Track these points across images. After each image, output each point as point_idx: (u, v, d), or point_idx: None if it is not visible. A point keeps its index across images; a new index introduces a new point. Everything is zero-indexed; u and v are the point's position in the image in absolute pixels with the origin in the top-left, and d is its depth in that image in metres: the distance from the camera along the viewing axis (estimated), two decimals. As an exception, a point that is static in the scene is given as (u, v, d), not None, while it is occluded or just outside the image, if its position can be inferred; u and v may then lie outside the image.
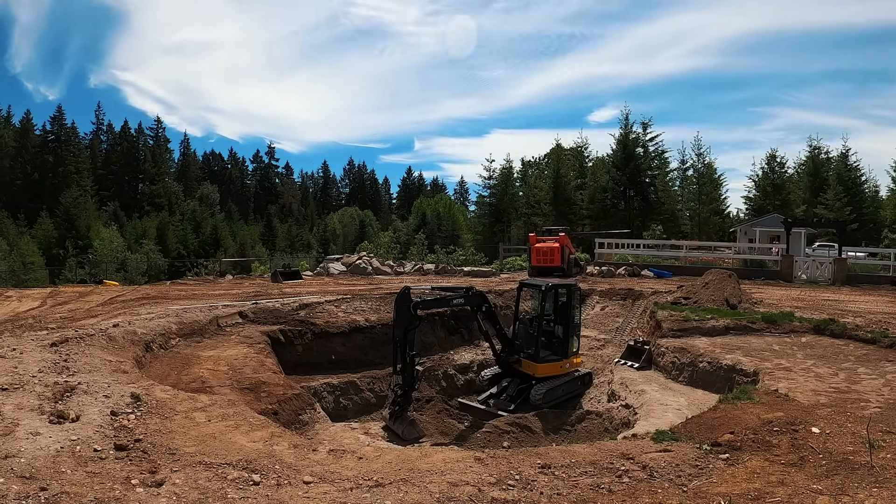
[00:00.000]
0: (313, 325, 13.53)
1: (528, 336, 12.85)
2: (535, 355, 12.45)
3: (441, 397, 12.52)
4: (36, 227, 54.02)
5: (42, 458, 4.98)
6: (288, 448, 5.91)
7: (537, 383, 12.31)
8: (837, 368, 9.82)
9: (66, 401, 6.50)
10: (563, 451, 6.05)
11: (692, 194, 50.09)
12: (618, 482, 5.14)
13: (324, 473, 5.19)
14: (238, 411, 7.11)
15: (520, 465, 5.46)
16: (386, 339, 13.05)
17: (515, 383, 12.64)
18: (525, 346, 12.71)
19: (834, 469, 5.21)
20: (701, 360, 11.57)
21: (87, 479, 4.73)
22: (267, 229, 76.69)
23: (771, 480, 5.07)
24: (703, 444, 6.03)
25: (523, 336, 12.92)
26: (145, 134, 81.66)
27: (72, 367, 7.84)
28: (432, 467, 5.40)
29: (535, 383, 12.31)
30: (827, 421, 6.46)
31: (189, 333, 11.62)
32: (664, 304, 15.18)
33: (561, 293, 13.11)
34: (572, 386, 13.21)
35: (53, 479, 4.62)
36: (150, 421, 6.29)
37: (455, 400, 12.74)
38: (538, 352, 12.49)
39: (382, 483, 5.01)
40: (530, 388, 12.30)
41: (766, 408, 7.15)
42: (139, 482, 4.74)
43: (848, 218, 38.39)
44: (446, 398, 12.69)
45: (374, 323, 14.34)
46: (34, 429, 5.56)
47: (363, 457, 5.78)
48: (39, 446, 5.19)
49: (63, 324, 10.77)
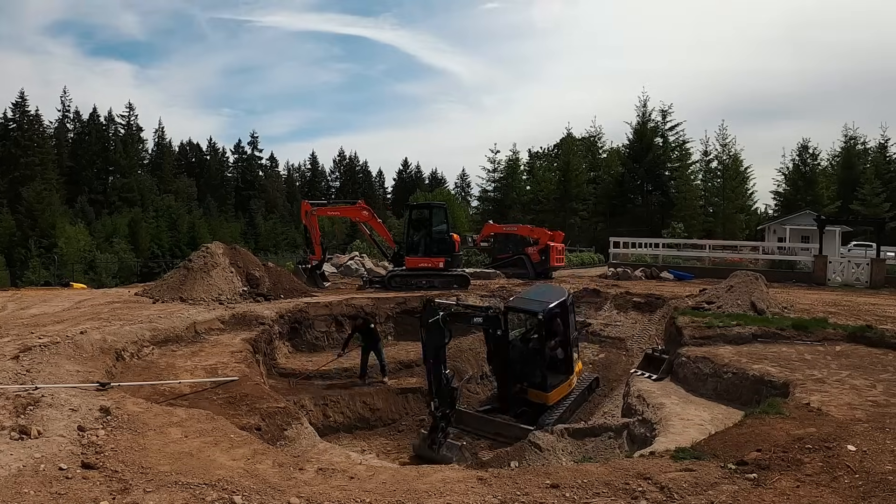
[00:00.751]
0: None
1: (526, 361, 12.87)
2: (544, 385, 12.50)
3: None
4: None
5: (2, 477, 4.98)
6: (272, 467, 5.91)
7: (546, 411, 12.37)
8: (875, 380, 9.81)
9: (28, 415, 6.50)
10: (574, 471, 6.04)
11: (716, 189, 49.99)
12: (634, 504, 5.14)
13: (311, 495, 5.19)
14: (217, 426, 7.11)
15: (526, 486, 5.46)
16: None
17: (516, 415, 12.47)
18: (527, 376, 12.73)
19: (871, 490, 5.21)
20: (725, 370, 11.55)
21: (52, 500, 4.73)
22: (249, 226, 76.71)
23: (802, 502, 5.07)
24: (728, 462, 6.03)
25: (519, 361, 12.89)
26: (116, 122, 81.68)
27: (35, 377, 7.84)
28: (431, 488, 5.40)
29: (545, 412, 12.34)
30: (863, 438, 6.46)
31: (164, 341, 11.63)
32: (685, 310, 15.17)
33: (557, 313, 12.99)
34: (581, 399, 13.46)
35: (15, 501, 4.62)
36: (120, 437, 6.29)
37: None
38: (546, 381, 12.54)
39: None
40: (537, 416, 12.28)
41: (796, 423, 7.15)
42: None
43: (886, 215, 38.41)
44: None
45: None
46: (-6, 445, 5.56)
47: (355, 476, 5.77)
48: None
49: (26, 331, 10.77)
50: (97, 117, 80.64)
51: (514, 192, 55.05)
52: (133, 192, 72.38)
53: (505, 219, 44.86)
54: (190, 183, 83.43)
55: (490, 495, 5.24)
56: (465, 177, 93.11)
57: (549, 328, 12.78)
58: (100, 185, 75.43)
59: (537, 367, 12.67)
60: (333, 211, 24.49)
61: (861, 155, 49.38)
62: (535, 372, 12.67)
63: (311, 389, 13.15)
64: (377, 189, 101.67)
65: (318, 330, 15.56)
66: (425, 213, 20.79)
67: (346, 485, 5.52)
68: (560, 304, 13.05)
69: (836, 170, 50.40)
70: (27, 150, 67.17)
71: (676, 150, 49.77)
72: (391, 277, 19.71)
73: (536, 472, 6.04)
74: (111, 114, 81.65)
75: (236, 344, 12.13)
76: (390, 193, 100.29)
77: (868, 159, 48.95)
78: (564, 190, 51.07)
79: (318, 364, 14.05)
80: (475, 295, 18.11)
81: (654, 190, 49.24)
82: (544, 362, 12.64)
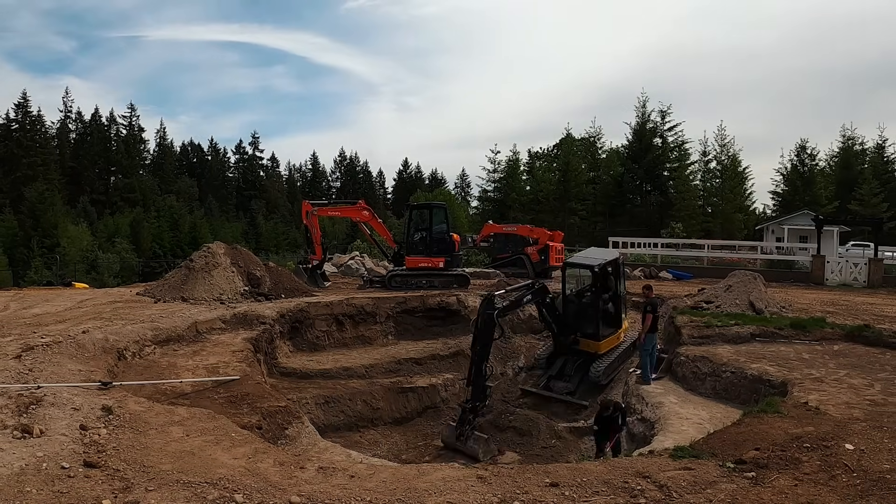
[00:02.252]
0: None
1: (579, 315, 14.31)
2: (596, 334, 13.86)
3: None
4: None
5: (5, 476, 4.98)
6: (273, 465, 5.91)
7: (596, 360, 13.59)
8: (873, 379, 9.81)
9: (31, 414, 6.50)
10: (574, 469, 6.05)
11: (714, 189, 49.97)
12: (632, 503, 5.14)
13: (312, 493, 5.19)
14: (219, 425, 7.12)
15: (526, 484, 5.47)
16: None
17: (572, 362, 14.09)
18: (579, 326, 14.13)
19: (869, 489, 5.21)
20: (724, 369, 11.56)
21: (54, 498, 4.73)
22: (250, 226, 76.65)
23: (800, 501, 5.08)
24: (727, 461, 6.03)
25: (573, 315, 14.34)
26: (118, 123, 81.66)
27: (38, 377, 7.84)
28: (431, 487, 5.41)
29: (595, 360, 13.75)
30: (861, 437, 6.46)
31: (166, 340, 11.63)
32: (684, 309, 15.17)
33: (609, 270, 14.44)
34: (627, 354, 14.36)
35: (17, 499, 4.62)
36: (122, 436, 6.30)
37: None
38: (598, 330, 13.86)
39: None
40: (588, 365, 13.72)
41: (794, 422, 7.16)
42: (111, 502, 4.75)
43: (884, 215, 38.40)
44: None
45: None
46: (-4, 444, 5.56)
47: (355, 475, 5.78)
48: (2, 463, 5.19)
49: (28, 330, 10.77)
50: (99, 118, 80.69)
51: (514, 192, 55.04)
52: (135, 192, 72.39)
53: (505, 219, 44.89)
54: (191, 183, 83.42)
55: (490, 493, 5.24)
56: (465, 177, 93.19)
57: (602, 282, 14.23)
58: (102, 186, 75.45)
59: (590, 318, 14.04)
60: (334, 211, 24.49)
61: (859, 155, 49.35)
62: (587, 323, 14.01)
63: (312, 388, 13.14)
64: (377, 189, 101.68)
65: (319, 329, 15.55)
66: (425, 213, 20.80)
67: (346, 483, 5.52)
68: (612, 262, 14.60)
69: (834, 170, 50.39)
70: (30, 151, 67.15)
71: (675, 151, 49.72)
72: (391, 277, 19.71)
73: (536, 471, 6.04)
74: (113, 114, 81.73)
75: (237, 343, 12.12)
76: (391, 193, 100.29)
77: (866, 160, 48.92)
78: (564, 190, 51.06)
79: (319, 363, 14.07)
80: (475, 294, 18.12)
81: (653, 190, 49.22)
82: (597, 314, 13.99)
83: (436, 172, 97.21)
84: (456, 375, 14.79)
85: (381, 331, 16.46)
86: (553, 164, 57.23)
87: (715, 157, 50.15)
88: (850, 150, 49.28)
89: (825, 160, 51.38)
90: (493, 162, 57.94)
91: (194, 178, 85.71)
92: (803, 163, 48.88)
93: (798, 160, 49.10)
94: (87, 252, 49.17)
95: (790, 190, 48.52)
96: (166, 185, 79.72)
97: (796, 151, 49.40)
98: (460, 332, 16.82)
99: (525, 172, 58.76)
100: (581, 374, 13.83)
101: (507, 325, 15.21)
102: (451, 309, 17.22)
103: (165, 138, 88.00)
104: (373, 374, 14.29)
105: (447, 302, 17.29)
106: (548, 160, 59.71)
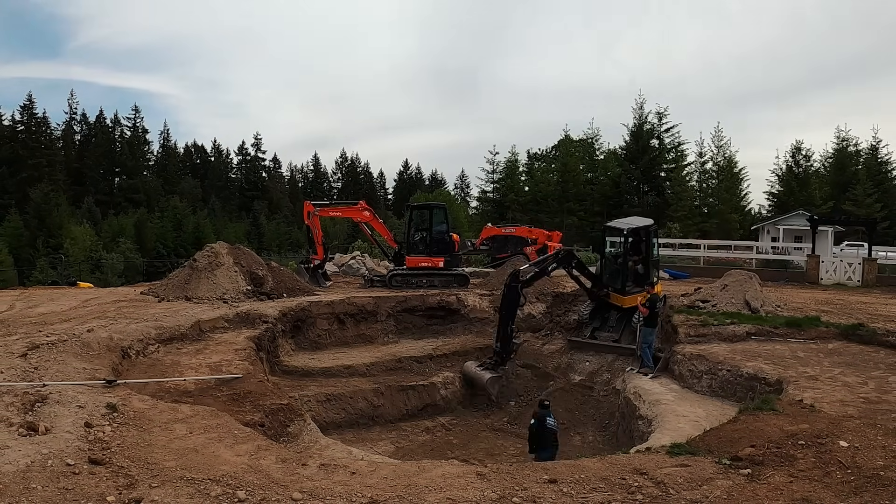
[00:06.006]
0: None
1: (613, 272, 15.75)
2: (622, 290, 15.21)
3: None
4: (4, 224, 53.91)
5: (10, 473, 4.98)
6: (275, 462, 5.91)
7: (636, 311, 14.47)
8: (867, 377, 9.82)
9: (36, 412, 6.50)
10: (572, 466, 6.05)
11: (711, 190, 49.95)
12: (630, 499, 5.14)
13: (314, 490, 5.19)
14: (222, 423, 7.12)
15: (525, 481, 5.47)
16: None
17: (614, 314, 15.46)
18: (611, 282, 15.57)
19: (863, 485, 5.21)
20: (720, 367, 11.57)
21: (60, 495, 4.73)
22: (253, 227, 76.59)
23: (795, 497, 5.08)
24: (723, 458, 6.04)
25: (609, 272, 15.82)
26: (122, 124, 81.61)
27: (43, 375, 7.84)
28: (431, 483, 5.41)
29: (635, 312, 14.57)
30: (856, 434, 6.46)
31: (169, 339, 11.62)
32: (680, 308, 15.19)
33: (641, 233, 15.82)
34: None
35: (23, 496, 4.63)
36: (127, 433, 6.30)
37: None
38: (623, 286, 15.22)
39: (377, 500, 5.02)
40: (629, 316, 14.93)
41: (790, 419, 7.16)
42: (115, 499, 4.75)
43: (878, 215, 38.41)
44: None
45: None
46: (1, 442, 5.57)
47: (356, 472, 5.78)
48: (7, 461, 5.19)
49: (33, 329, 10.77)
50: (103, 119, 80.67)
51: (513, 192, 55.03)
52: (139, 192, 72.37)
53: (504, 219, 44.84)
54: (195, 184, 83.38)
55: (489, 490, 5.24)
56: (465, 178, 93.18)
57: (633, 245, 15.76)
58: (106, 186, 75.31)
59: (619, 275, 15.46)
60: (335, 211, 24.49)
61: (853, 156, 49.33)
62: (617, 280, 15.46)
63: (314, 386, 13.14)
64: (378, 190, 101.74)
65: (321, 328, 15.57)
66: (425, 213, 20.81)
67: (347, 480, 5.52)
68: (644, 228, 15.95)
69: (828, 171, 50.38)
70: (35, 152, 67.14)
71: (672, 152, 49.69)
72: (392, 276, 19.72)
73: (534, 467, 6.05)
74: (117, 116, 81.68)
75: (240, 342, 12.12)
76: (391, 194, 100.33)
77: (860, 161, 48.89)
78: (562, 190, 51.07)
79: (320, 361, 14.08)
80: (474, 293, 18.12)
81: (650, 191, 49.21)
82: (625, 272, 15.37)
83: (436, 173, 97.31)
84: (456, 374, 14.79)
85: (381, 329, 16.47)
86: (552, 165, 57.23)
87: (711, 158, 50.18)
88: (844, 152, 49.23)
89: (820, 161, 51.43)
90: (491, 163, 57.98)
91: (198, 179, 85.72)
92: (798, 164, 48.95)
93: (793, 161, 49.19)
94: (91, 252, 49.12)
95: (785, 190, 48.53)
96: (170, 185, 79.61)
97: (791, 153, 49.52)
98: (460, 331, 16.90)
99: (524, 173, 58.74)
100: (623, 323, 15.15)
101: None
102: (451, 308, 17.24)
103: (169, 139, 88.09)
104: (374, 372, 14.28)
105: (447, 301, 17.31)
106: (546, 161, 59.69)
